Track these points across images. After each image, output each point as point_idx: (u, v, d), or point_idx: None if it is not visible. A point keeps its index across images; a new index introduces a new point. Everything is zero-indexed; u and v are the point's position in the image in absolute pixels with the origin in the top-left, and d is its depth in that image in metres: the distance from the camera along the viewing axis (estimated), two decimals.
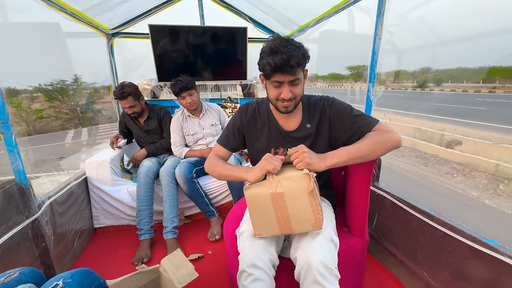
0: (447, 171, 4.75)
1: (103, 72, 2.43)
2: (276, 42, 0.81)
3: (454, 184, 4.18)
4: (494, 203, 3.51)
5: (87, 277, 0.61)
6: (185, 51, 2.47)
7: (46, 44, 6.28)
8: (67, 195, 1.48)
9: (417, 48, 20.88)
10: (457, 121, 8.44)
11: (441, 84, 33.55)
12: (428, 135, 6.66)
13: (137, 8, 2.29)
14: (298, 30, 2.33)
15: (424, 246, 1.13)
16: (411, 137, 6.70)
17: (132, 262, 1.47)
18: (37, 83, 11.12)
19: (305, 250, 0.82)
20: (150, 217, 1.64)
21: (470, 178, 4.39)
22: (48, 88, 10.86)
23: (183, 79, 1.76)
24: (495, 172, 4.38)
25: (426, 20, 2.05)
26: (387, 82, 33.74)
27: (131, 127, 2.03)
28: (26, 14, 1.65)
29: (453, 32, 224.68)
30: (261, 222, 0.86)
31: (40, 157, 6.34)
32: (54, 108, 10.60)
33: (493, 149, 5.09)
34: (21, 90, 11.39)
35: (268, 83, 0.88)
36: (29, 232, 1.14)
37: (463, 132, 6.68)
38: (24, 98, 10.91)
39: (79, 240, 1.57)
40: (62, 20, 1.75)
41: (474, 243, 0.92)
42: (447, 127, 7.40)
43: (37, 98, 11.32)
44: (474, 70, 41.67)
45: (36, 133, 9.71)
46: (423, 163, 5.22)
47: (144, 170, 1.72)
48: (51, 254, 1.23)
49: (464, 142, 5.76)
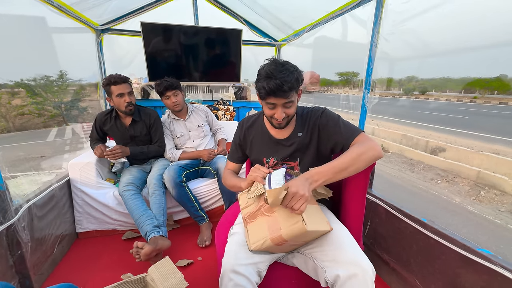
0: (432, 177, 4.89)
1: (91, 69, 2.33)
2: (272, 67, 0.86)
3: (439, 190, 4.31)
4: (476, 209, 3.64)
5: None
6: (177, 51, 2.41)
7: (31, 38, 5.99)
8: (47, 198, 1.38)
9: (407, 58, 21.67)
10: (441, 129, 8.76)
11: (425, 93, 34.87)
12: (414, 142, 6.85)
13: (129, 5, 2.22)
14: (293, 34, 2.34)
15: (417, 255, 1.13)
16: (397, 143, 6.88)
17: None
18: (19, 77, 10.63)
19: (350, 253, 0.79)
20: (151, 218, 1.48)
21: (453, 184, 4.54)
22: (31, 83, 10.40)
23: (168, 79, 1.73)
24: (476, 179, 4.55)
25: (417, 31, 2.12)
26: (374, 89, 34.87)
27: (111, 131, 1.74)
28: (8, 7, 1.55)
29: (440, 44, 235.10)
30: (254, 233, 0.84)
31: (19, 156, 6.02)
32: (37, 105, 10.15)
33: (474, 156, 5.29)
34: (1, 84, 10.84)
35: (264, 103, 0.94)
36: (4, 239, 1.05)
37: (446, 139, 6.93)
38: (3, 93, 10.39)
39: (59, 246, 1.47)
40: (49, 13, 1.66)
41: (467, 252, 0.92)
42: (431, 134, 7.65)
43: (18, 94, 10.79)
44: (457, 80, 43.63)
45: (16, 130, 9.25)
46: (409, 169, 5.35)
47: (122, 186, 1.59)
48: (27, 263, 1.14)
49: (447, 149, 5.97)
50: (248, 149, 1.13)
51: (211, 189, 1.83)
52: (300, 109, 1.06)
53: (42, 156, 6.10)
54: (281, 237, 0.77)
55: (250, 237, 0.85)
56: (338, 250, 0.80)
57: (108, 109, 1.78)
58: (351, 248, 0.81)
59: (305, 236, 0.80)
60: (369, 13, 1.29)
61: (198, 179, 1.88)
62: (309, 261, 0.86)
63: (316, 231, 0.80)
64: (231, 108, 2.59)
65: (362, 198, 1.00)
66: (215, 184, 1.82)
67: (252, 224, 0.88)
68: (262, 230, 0.83)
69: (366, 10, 1.38)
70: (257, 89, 0.92)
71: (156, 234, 1.42)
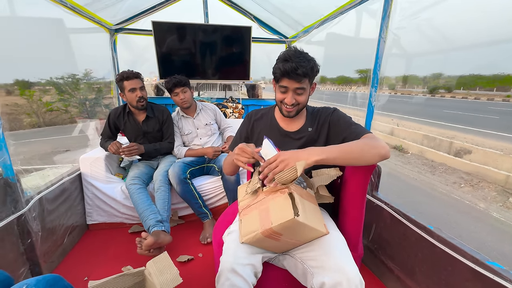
0: (455, 180, 4.60)
1: (107, 67, 2.43)
2: (290, 52, 0.91)
3: (461, 195, 4.04)
4: (503, 216, 3.37)
5: (54, 285, 0.57)
6: (187, 49, 2.44)
7: (57, 39, 6.36)
8: (59, 190, 1.46)
9: (427, 53, 20.43)
10: (467, 129, 8.20)
11: (452, 91, 32.79)
12: (437, 143, 6.48)
13: (141, 4, 2.27)
14: (303, 31, 2.27)
15: (423, 263, 1.06)
16: (418, 144, 6.53)
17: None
18: (49, 76, 11.34)
19: (339, 260, 0.75)
20: (155, 213, 1.51)
21: (478, 189, 4.24)
22: (59, 81, 11.06)
23: (177, 76, 1.76)
24: (505, 184, 4.21)
25: (436, 24, 1.98)
26: (396, 86, 33.19)
27: (124, 127, 1.78)
28: (33, 8, 1.65)
29: (465, 37, 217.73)
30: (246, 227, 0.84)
31: (46, 150, 6.43)
32: (64, 101, 10.79)
33: (504, 159, 4.90)
34: (34, 82, 11.65)
35: (277, 87, 0.98)
36: (15, 228, 1.12)
37: (473, 141, 6.48)
38: (36, 91, 11.14)
39: (70, 236, 1.55)
40: (65, 15, 1.74)
41: (475, 265, 0.85)
42: (456, 135, 7.19)
43: (48, 91, 11.53)
44: (488, 77, 40.58)
45: (46, 125, 9.90)
46: (429, 171, 5.07)
47: (129, 180, 1.64)
48: (37, 251, 1.21)
49: (473, 151, 5.58)
50: (255, 140, 1.12)
51: (215, 187, 1.83)
52: (310, 107, 1.10)
53: (67, 150, 6.48)
54: (272, 229, 0.75)
55: (242, 230, 0.84)
56: (327, 256, 0.77)
57: (121, 105, 1.84)
58: (341, 256, 0.77)
59: (298, 230, 0.77)
60: (377, 7, 1.22)
61: (203, 176, 1.90)
62: (299, 265, 0.83)
63: (310, 228, 0.77)
64: (239, 106, 2.59)
65: (361, 201, 0.95)
66: (220, 181, 1.83)
67: (246, 216, 0.87)
68: (254, 222, 0.81)
69: (376, 3, 1.31)
70: (273, 71, 0.96)
71: (159, 229, 1.45)
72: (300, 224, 0.73)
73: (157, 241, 1.36)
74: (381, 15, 1.21)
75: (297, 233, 0.79)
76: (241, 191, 1.01)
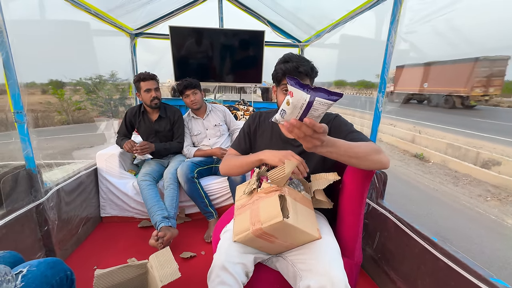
0: (480, 193, 4.30)
1: (126, 69, 2.58)
2: (290, 54, 0.96)
3: (487, 209, 3.77)
4: None
5: (53, 268, 0.62)
6: (202, 52, 2.53)
7: (86, 41, 6.96)
8: (75, 183, 1.57)
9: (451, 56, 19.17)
10: (498, 139, 7.63)
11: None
12: (462, 152, 6.10)
13: (160, 10, 2.39)
14: (315, 35, 2.27)
15: (425, 276, 1.02)
16: (441, 153, 6.19)
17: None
18: (79, 77, 12.15)
19: (326, 264, 0.75)
20: (162, 209, 1.57)
21: (506, 204, 3.93)
22: (88, 82, 11.80)
23: (188, 79, 1.84)
24: None
25: (455, 27, 1.88)
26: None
27: (139, 125, 1.90)
28: (61, 12, 1.80)
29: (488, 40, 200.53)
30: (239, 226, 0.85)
31: (73, 145, 6.88)
32: (91, 101, 11.50)
33: None
34: (66, 82, 12.54)
35: (279, 90, 0.99)
36: (34, 215, 1.22)
37: (503, 151, 6.02)
38: (66, 90, 11.98)
39: (84, 227, 1.65)
40: (91, 19, 1.88)
41: (479, 281, 0.80)
42: (485, 145, 6.71)
43: (78, 91, 12.36)
44: None
45: (74, 123, 10.61)
46: (452, 182, 4.78)
47: (140, 176, 1.73)
48: (53, 238, 1.31)
49: (503, 163, 5.18)
50: (255, 141, 1.13)
51: (222, 187, 1.87)
52: None
53: (91, 146, 6.88)
54: (261, 229, 0.76)
55: (234, 228, 0.86)
56: (317, 260, 0.76)
57: (137, 104, 1.97)
58: (330, 260, 0.76)
59: (289, 232, 0.77)
60: (385, 11, 1.20)
61: (210, 176, 1.94)
62: (290, 267, 0.83)
63: (301, 231, 0.76)
64: (250, 109, 2.62)
65: (359, 207, 0.94)
66: (226, 182, 1.86)
67: (239, 216, 0.88)
68: (246, 222, 0.83)
69: (387, 7, 1.28)
70: (273, 74, 0.98)
71: (166, 225, 1.51)
72: (290, 226, 0.74)
73: (172, 236, 1.48)
74: (389, 19, 1.18)
75: (289, 236, 0.80)
76: (239, 191, 1.03)
